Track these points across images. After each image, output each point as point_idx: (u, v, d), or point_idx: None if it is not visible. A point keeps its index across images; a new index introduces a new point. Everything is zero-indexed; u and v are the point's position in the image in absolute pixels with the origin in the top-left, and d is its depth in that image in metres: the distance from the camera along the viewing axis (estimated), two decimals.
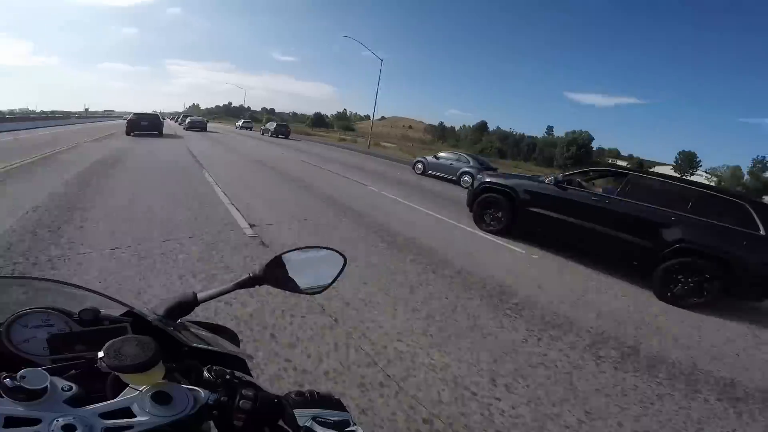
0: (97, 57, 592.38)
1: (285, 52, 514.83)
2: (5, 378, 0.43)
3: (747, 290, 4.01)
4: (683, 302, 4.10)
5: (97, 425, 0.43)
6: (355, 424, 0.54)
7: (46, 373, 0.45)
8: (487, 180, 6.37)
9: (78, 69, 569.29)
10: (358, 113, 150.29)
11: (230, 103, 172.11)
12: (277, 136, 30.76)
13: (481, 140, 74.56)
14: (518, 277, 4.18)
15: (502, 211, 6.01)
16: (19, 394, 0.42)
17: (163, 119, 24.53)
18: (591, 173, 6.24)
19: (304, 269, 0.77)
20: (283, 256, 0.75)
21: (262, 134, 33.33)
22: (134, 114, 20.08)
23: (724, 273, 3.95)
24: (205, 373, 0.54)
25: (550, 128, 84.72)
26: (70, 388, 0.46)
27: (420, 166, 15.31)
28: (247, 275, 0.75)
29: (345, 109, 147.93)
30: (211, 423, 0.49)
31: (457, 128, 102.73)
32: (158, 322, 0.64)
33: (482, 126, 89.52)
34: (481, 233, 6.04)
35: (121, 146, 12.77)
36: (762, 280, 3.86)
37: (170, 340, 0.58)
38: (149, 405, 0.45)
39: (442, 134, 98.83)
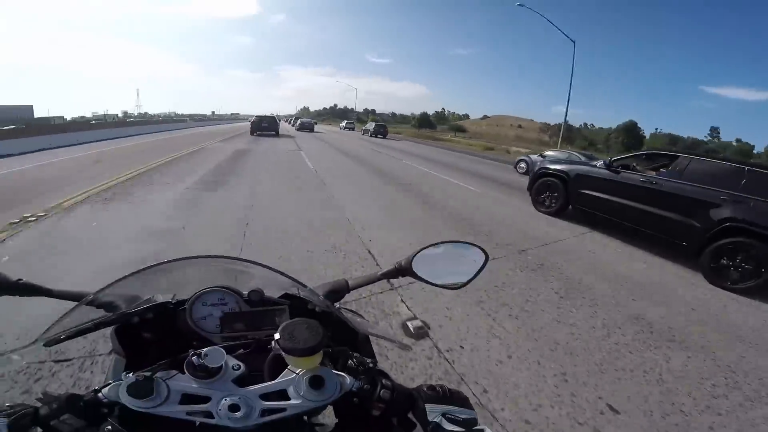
0: (223, 64, 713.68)
1: (380, 54, 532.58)
2: (193, 356, 0.48)
3: None
4: (732, 284, 4.05)
5: (257, 406, 0.47)
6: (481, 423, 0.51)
7: (224, 353, 0.50)
8: (543, 168, 6.80)
9: (209, 75, 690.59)
10: (455, 112, 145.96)
11: (335, 105, 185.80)
12: (375, 136, 32.09)
13: (629, 141, 58.29)
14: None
15: (553, 191, 6.42)
16: (199, 371, 0.47)
17: (279, 121, 27.40)
18: (643, 156, 6.10)
19: (446, 263, 0.77)
20: (426, 249, 0.75)
21: (363, 134, 35.06)
22: (256, 116, 23.44)
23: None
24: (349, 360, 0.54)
25: (714, 129, 66.80)
26: (239, 368, 0.50)
27: (523, 165, 13.83)
28: (394, 266, 0.77)
29: (443, 108, 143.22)
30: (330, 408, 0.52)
31: (577, 126, 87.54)
32: (325, 307, 0.67)
33: (631, 126, 69.61)
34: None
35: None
36: None
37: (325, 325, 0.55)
38: (304, 388, 0.48)
39: (568, 134, 79.37)
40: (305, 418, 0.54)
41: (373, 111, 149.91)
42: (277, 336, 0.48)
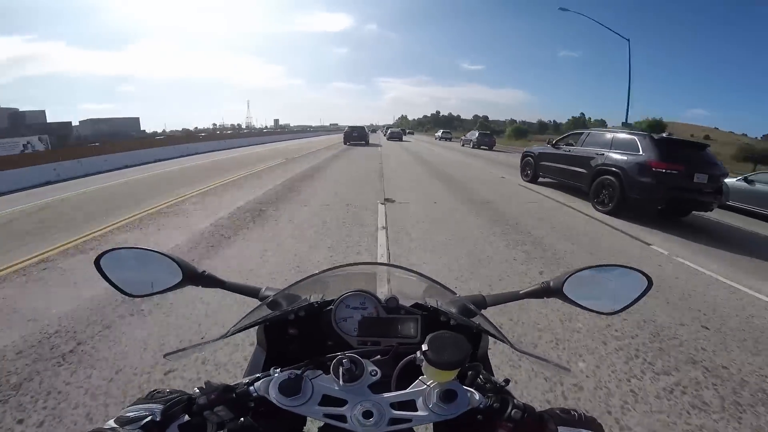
0: (328, 77, 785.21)
1: (473, 61, 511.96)
2: (343, 359, 0.49)
3: (632, 195, 6.09)
4: (605, 208, 6.59)
5: (387, 414, 0.47)
6: None
7: (368, 361, 0.51)
8: (526, 150, 9.83)
9: (315, 89, 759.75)
10: (555, 120, 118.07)
11: (438, 113, 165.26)
12: (479, 147, 26.32)
13: None
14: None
15: (529, 167, 9.35)
16: (343, 374, 0.48)
17: (369, 131, 29.54)
18: (569, 135, 8.51)
19: (601, 287, 0.70)
20: (582, 271, 0.69)
21: (462, 145, 29.24)
22: (348, 127, 26.14)
23: (620, 183, 6.29)
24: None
25: None
26: (375, 374, 0.51)
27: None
28: (540, 285, 0.72)
29: (552, 120, 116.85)
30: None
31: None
32: (461, 321, 0.66)
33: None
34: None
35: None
36: (639, 186, 6.00)
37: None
38: (434, 400, 0.47)
39: None
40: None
41: (486, 118, 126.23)
42: (424, 347, 0.47)
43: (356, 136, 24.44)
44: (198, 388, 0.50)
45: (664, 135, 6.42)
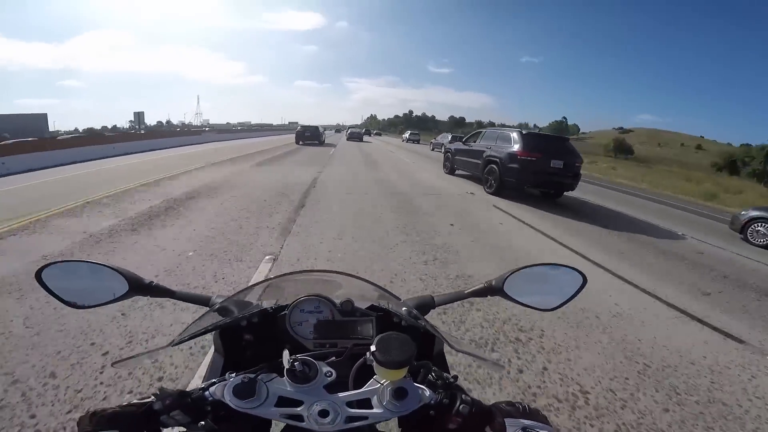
0: (292, 76, 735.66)
1: (440, 64, 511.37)
2: (295, 361, 0.50)
3: (506, 179, 7.77)
4: (491, 190, 8.23)
5: (343, 413, 0.49)
6: None
7: (321, 361, 0.53)
8: (446, 146, 11.53)
9: (279, 86, 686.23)
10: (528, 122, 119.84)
11: (411, 113, 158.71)
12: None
13: None
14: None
15: (448, 161, 11.03)
16: (296, 376, 0.50)
17: (324, 131, 27.29)
18: (475, 133, 10.24)
19: (540, 285, 0.74)
20: (520, 270, 0.73)
21: (432, 149, 25.25)
22: (301, 126, 24.57)
23: (498, 170, 7.95)
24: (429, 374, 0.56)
25: None
26: (330, 375, 0.52)
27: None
28: (483, 284, 0.76)
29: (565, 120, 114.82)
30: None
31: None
32: (412, 321, 0.68)
33: None
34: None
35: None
36: (510, 171, 7.66)
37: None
38: (387, 398, 0.49)
39: None
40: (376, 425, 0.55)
41: (462, 120, 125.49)
42: (372, 348, 0.49)
43: (308, 135, 23.12)
44: (153, 395, 0.50)
45: (532, 131, 8.20)
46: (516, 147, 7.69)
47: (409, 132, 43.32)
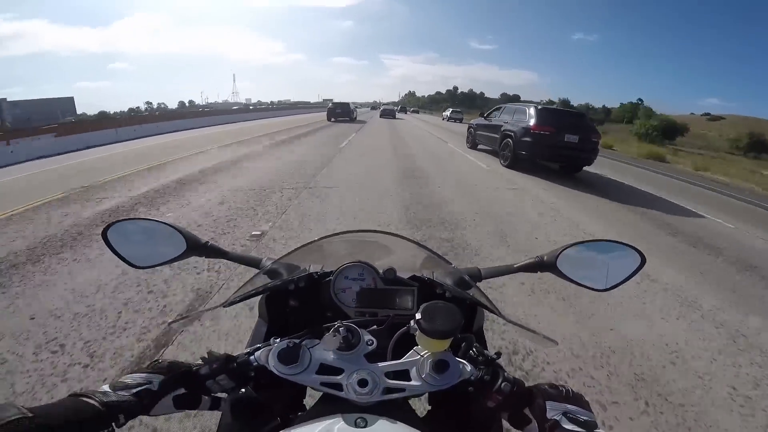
0: (330, 52, 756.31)
1: (483, 40, 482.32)
2: (339, 327, 0.50)
3: (519, 151, 8.06)
4: (506, 162, 8.62)
5: (381, 383, 0.48)
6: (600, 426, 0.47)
7: (364, 330, 0.53)
8: (470, 122, 11.76)
9: (317, 64, 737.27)
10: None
11: (456, 89, 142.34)
12: None
13: None
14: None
15: (471, 136, 11.39)
16: (341, 342, 0.49)
17: (355, 108, 28.02)
18: (495, 108, 10.35)
19: (595, 263, 0.71)
20: (574, 246, 0.70)
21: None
22: (332, 103, 25.04)
23: (513, 143, 8.28)
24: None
25: None
26: (371, 343, 0.52)
27: None
28: (534, 259, 0.74)
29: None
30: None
31: None
32: (456, 293, 0.68)
33: None
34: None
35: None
36: (523, 144, 7.96)
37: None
38: (427, 370, 0.49)
39: None
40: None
41: (517, 97, 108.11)
42: (418, 316, 0.48)
43: (339, 112, 23.69)
44: (201, 358, 0.52)
45: (547, 106, 8.36)
46: (530, 121, 7.94)
47: (451, 110, 41.33)
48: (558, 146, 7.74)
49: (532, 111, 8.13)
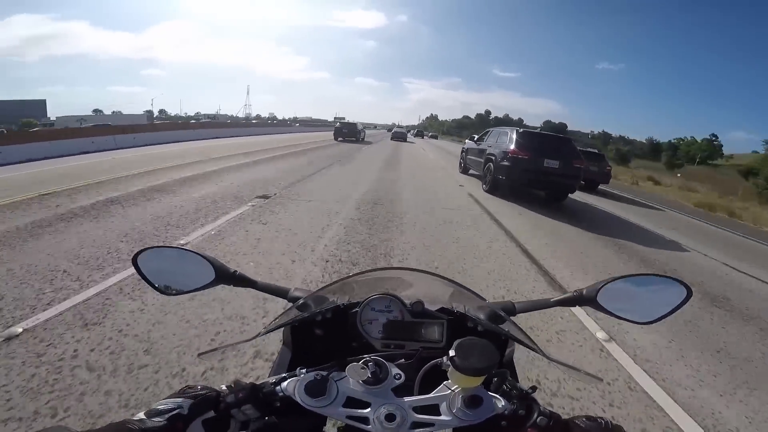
0: (353, 72, 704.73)
1: (506, 68, 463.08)
2: (368, 362, 0.50)
3: (498, 176, 7.94)
4: (486, 188, 8.49)
5: (409, 418, 0.47)
6: None
7: (392, 364, 0.52)
8: (462, 146, 11.84)
9: (340, 84, 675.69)
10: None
11: (489, 113, 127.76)
12: None
13: None
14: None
15: (462, 160, 11.41)
16: (369, 377, 0.49)
17: (363, 129, 28.22)
18: (484, 132, 10.37)
19: (637, 296, 0.69)
20: (617, 281, 0.69)
21: None
22: (339, 123, 25.57)
23: (493, 167, 8.17)
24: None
25: None
26: (399, 377, 0.51)
27: None
28: (573, 293, 0.72)
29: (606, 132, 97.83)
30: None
31: None
32: (490, 327, 0.66)
33: None
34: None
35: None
36: (501, 169, 7.82)
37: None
38: (458, 405, 0.48)
39: None
40: None
41: (563, 126, 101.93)
42: (452, 353, 0.47)
43: (346, 132, 23.93)
44: (226, 386, 0.51)
45: (529, 129, 8.33)
46: (511, 145, 7.85)
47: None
48: (537, 171, 7.57)
49: (513, 134, 8.06)
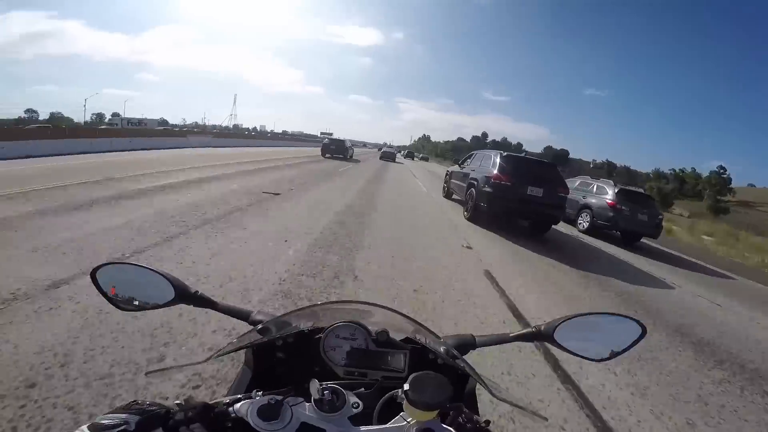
0: (348, 89, 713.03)
1: (497, 91, 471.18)
2: (324, 389, 0.50)
3: (479, 203, 7.53)
4: (467, 215, 8.07)
5: None
6: None
7: (350, 392, 0.52)
8: (447, 169, 11.52)
9: (334, 99, 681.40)
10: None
11: (486, 135, 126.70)
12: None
13: None
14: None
15: (446, 184, 11.09)
16: (323, 404, 0.49)
17: (351, 146, 27.68)
18: (468, 157, 9.99)
19: (593, 333, 0.71)
20: (573, 319, 0.71)
21: None
22: (327, 139, 25.02)
23: (474, 193, 7.78)
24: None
25: None
26: (357, 406, 0.52)
27: None
28: (531, 329, 0.74)
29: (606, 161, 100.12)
30: None
31: None
32: (449, 360, 0.66)
33: None
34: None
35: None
36: (483, 195, 7.42)
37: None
38: None
39: None
40: None
41: (565, 153, 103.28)
42: (406, 386, 0.48)
43: (333, 149, 23.53)
44: (177, 403, 0.49)
45: (513, 154, 8.02)
46: (494, 170, 7.47)
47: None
48: (520, 199, 7.14)
49: (497, 158, 7.70)
